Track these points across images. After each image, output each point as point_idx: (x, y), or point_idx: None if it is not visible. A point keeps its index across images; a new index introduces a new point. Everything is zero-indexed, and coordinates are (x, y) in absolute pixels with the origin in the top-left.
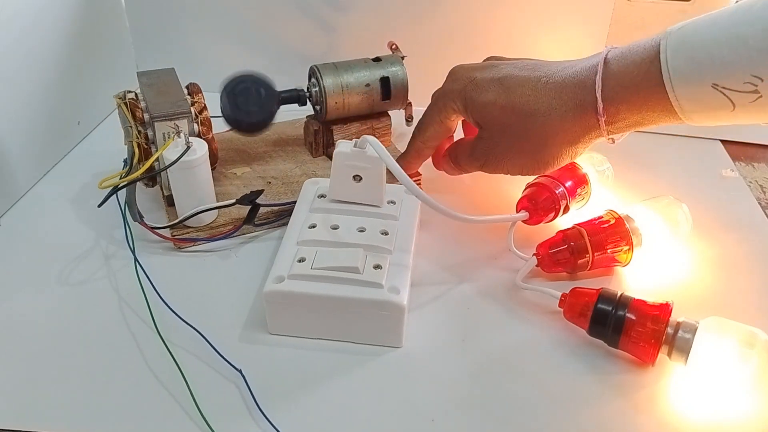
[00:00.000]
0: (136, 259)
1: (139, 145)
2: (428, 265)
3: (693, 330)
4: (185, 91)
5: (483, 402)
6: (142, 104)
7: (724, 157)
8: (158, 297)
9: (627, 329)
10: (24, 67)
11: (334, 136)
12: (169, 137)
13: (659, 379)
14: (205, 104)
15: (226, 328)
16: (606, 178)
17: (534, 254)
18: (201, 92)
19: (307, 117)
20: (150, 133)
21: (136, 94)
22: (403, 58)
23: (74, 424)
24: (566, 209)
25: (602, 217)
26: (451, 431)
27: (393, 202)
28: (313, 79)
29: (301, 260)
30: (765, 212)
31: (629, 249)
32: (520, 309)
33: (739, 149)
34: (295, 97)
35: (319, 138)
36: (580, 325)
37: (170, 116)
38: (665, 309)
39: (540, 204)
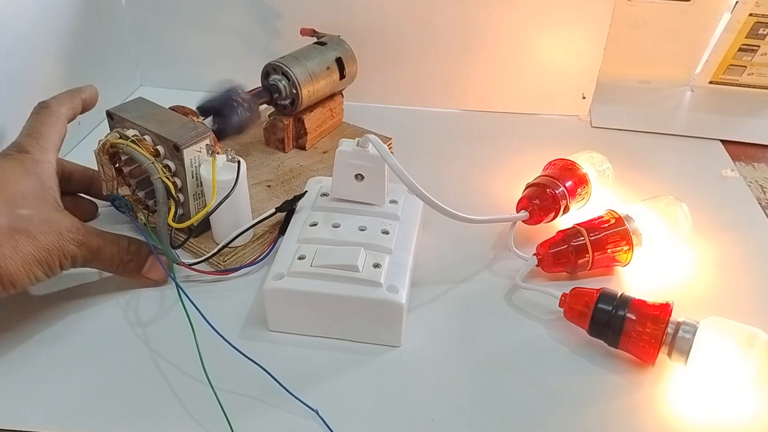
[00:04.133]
0: None
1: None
2: (428, 265)
3: (693, 330)
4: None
5: (483, 402)
6: (147, 139)
7: (724, 157)
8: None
9: (627, 329)
10: (24, 67)
11: (306, 126)
12: (196, 162)
13: (659, 379)
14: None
15: (226, 325)
16: (606, 178)
17: (534, 254)
18: (192, 111)
19: (270, 115)
20: (171, 164)
21: (136, 132)
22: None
23: (75, 424)
24: (566, 209)
25: (602, 216)
26: (451, 431)
27: (395, 202)
28: (274, 76)
29: (301, 258)
30: (765, 212)
31: (629, 249)
32: (520, 309)
33: (739, 149)
34: (269, 95)
35: (290, 132)
36: (580, 325)
37: (196, 139)
38: (665, 309)
39: (540, 204)
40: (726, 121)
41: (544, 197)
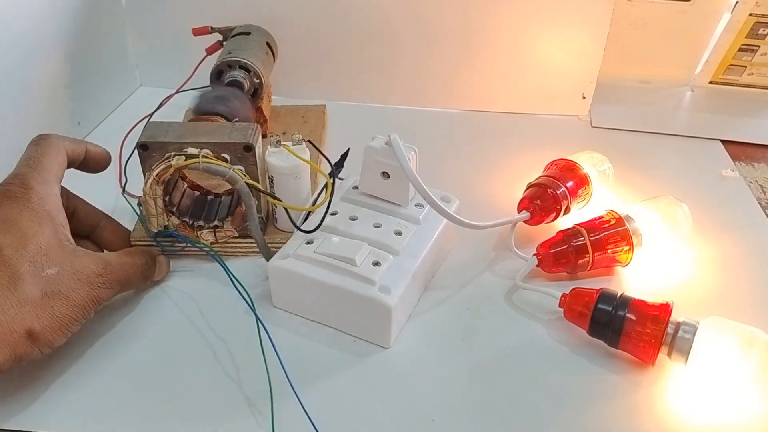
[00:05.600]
0: None
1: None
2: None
3: (693, 330)
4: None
5: (483, 402)
6: (207, 151)
7: (724, 157)
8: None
9: (627, 329)
10: (24, 67)
11: (265, 113)
12: (262, 157)
13: (659, 379)
14: None
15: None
16: (606, 178)
17: (534, 254)
18: (210, 116)
19: None
20: (241, 168)
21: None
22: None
23: (75, 423)
24: (567, 210)
25: (602, 217)
26: (450, 431)
27: (420, 206)
28: (231, 72)
29: (309, 243)
30: (765, 212)
31: (629, 249)
32: (520, 309)
33: (739, 149)
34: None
35: (256, 120)
36: (580, 325)
37: (258, 136)
38: (665, 309)
39: (541, 204)
40: (726, 121)
41: (545, 197)
